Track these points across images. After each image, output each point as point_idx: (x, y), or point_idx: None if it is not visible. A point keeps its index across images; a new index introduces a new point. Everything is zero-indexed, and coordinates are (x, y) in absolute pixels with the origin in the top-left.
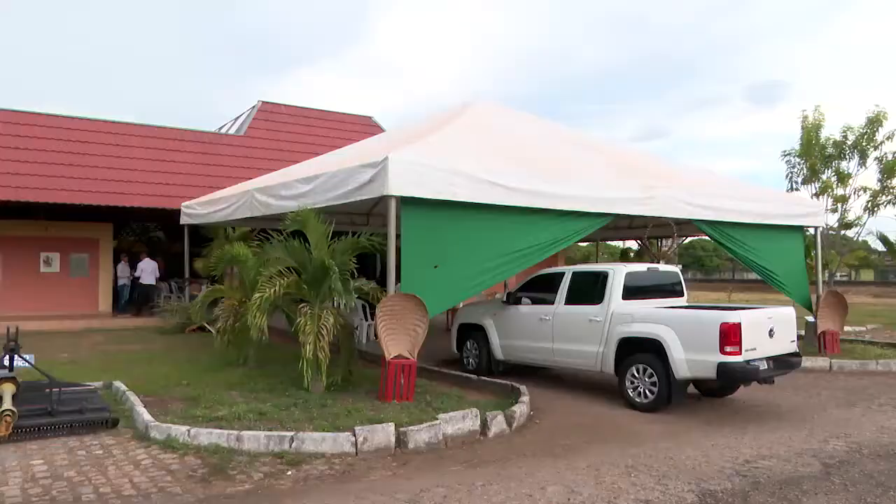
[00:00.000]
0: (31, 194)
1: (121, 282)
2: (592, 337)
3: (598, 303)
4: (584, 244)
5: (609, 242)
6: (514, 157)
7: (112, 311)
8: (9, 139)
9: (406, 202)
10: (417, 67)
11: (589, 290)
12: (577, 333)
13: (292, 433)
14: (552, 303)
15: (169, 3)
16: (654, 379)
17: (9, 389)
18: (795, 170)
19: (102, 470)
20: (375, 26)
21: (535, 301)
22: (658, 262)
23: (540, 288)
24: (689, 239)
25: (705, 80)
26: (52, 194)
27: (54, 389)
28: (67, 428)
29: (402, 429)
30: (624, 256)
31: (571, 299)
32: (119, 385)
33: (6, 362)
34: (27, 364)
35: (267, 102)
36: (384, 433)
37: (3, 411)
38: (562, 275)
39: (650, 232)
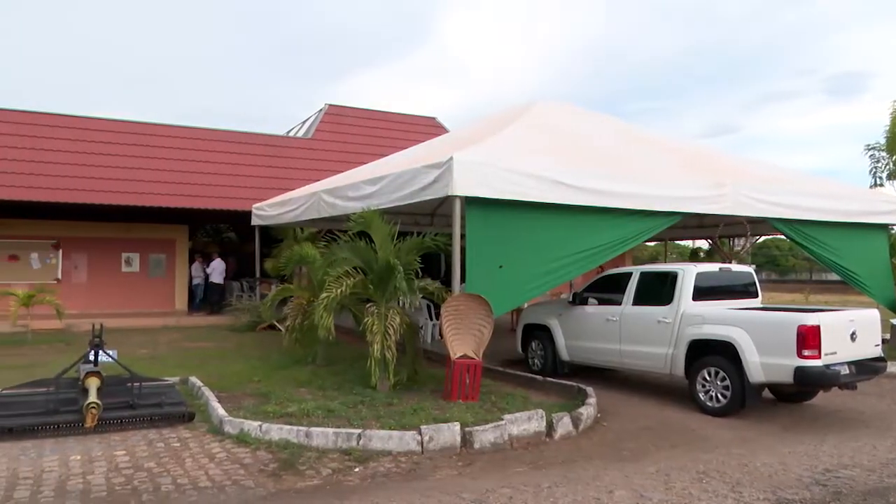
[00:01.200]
0: (113, 197)
1: (195, 281)
2: (661, 338)
3: (668, 303)
4: (652, 244)
5: (678, 242)
6: (579, 156)
7: (187, 310)
8: (92, 145)
9: (471, 202)
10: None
11: (658, 290)
12: (645, 335)
13: (360, 431)
14: (619, 303)
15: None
16: (727, 383)
17: (94, 383)
18: (880, 164)
19: (180, 462)
20: (439, 27)
21: (601, 301)
22: (730, 262)
23: (607, 288)
24: (762, 238)
25: (777, 72)
26: (131, 197)
27: (135, 384)
28: (147, 421)
29: (467, 428)
30: (694, 256)
31: (639, 300)
32: (195, 380)
33: (92, 357)
34: (111, 359)
35: (333, 105)
36: (450, 432)
37: (90, 404)
38: (629, 275)
39: (722, 231)
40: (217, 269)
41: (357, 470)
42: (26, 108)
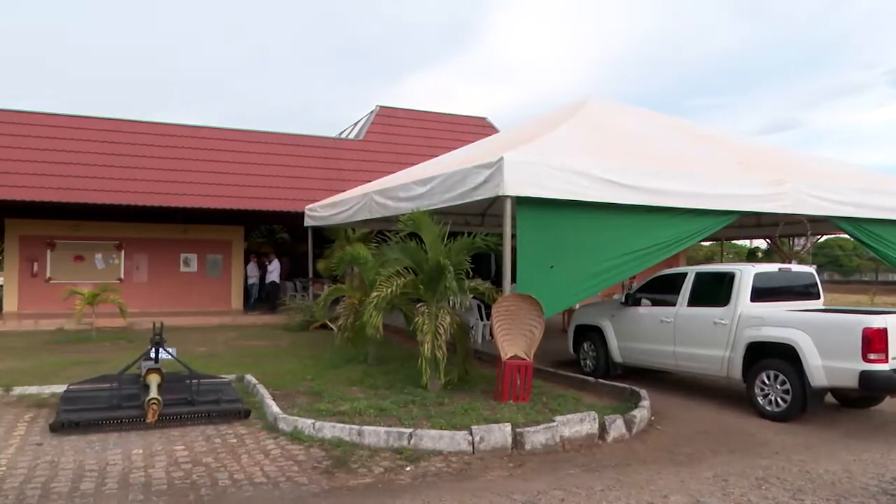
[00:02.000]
0: (173, 199)
1: (250, 281)
2: (718, 340)
3: (724, 305)
4: (707, 243)
5: (735, 241)
6: (632, 154)
7: (242, 309)
8: (154, 149)
9: (521, 202)
10: (532, 67)
11: (714, 291)
12: (700, 336)
13: (411, 430)
14: (674, 304)
15: (293, 18)
16: (787, 387)
17: (155, 380)
18: None
19: (236, 457)
20: (490, 28)
21: (655, 302)
22: (790, 263)
23: (660, 289)
24: (824, 237)
25: (840, 66)
26: (190, 199)
27: (194, 381)
28: (205, 417)
29: (518, 429)
30: (752, 256)
31: (694, 301)
32: (250, 378)
33: (152, 355)
34: (170, 356)
35: (384, 107)
36: (501, 433)
37: (151, 400)
38: (684, 275)
39: (781, 230)
40: (273, 269)
41: (408, 469)
42: (95, 115)
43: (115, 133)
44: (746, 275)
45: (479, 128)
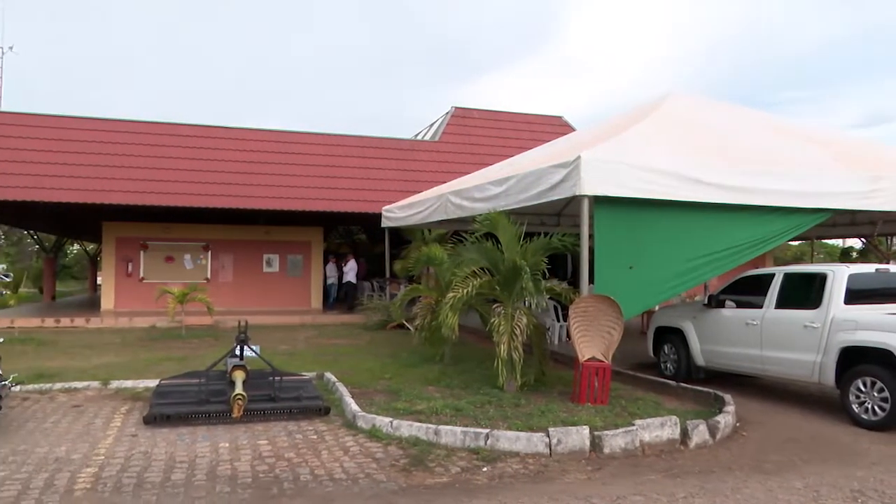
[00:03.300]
0: (257, 202)
1: (329, 281)
2: (808, 345)
3: (815, 307)
4: (796, 243)
5: (826, 241)
6: (715, 151)
7: (322, 308)
8: (238, 153)
9: (599, 201)
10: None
11: (804, 293)
12: (789, 340)
13: (487, 430)
14: (760, 306)
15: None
16: (885, 394)
17: (240, 376)
18: None
19: (317, 453)
20: (564, 25)
21: (740, 304)
22: (888, 263)
23: (746, 290)
24: None
25: None
26: (271, 202)
27: (276, 378)
28: (287, 413)
29: (596, 432)
30: (845, 256)
31: (783, 303)
32: (330, 376)
33: (238, 352)
34: (254, 354)
35: (459, 108)
36: (578, 436)
37: (236, 395)
38: (771, 276)
39: (879, 229)
40: (351, 270)
41: (485, 469)
42: (185, 122)
43: (202, 139)
44: (840, 276)
45: (555, 127)
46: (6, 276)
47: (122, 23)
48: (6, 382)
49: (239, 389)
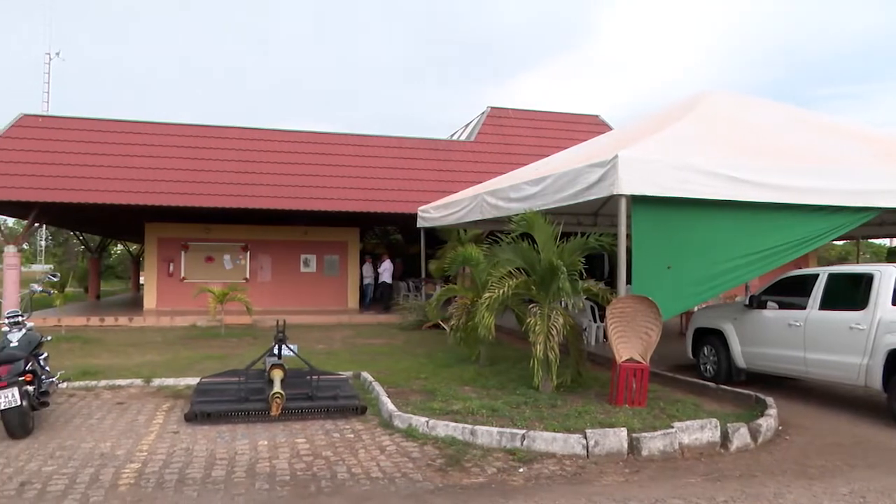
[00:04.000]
0: (294, 202)
1: (365, 281)
2: (854, 347)
3: (861, 308)
4: (840, 242)
5: (872, 240)
6: (755, 149)
7: (358, 308)
8: (276, 155)
9: (637, 201)
10: (643, 62)
11: (849, 293)
12: (834, 342)
13: (524, 431)
14: (803, 307)
15: (406, 26)
16: None
17: (278, 375)
18: None
19: (354, 452)
20: (599, 24)
21: (782, 305)
22: None
23: (789, 291)
24: None
25: None
26: (309, 202)
27: (314, 377)
28: (324, 412)
29: (634, 435)
30: (892, 256)
31: (827, 304)
32: (366, 376)
33: (276, 351)
34: (292, 353)
35: (495, 108)
36: (616, 438)
37: (275, 394)
38: (815, 276)
39: None
40: (387, 270)
41: (521, 470)
42: (221, 124)
43: (242, 141)
44: (887, 276)
45: (591, 126)
46: (54, 275)
47: (161, 28)
48: (54, 379)
49: (277, 388)
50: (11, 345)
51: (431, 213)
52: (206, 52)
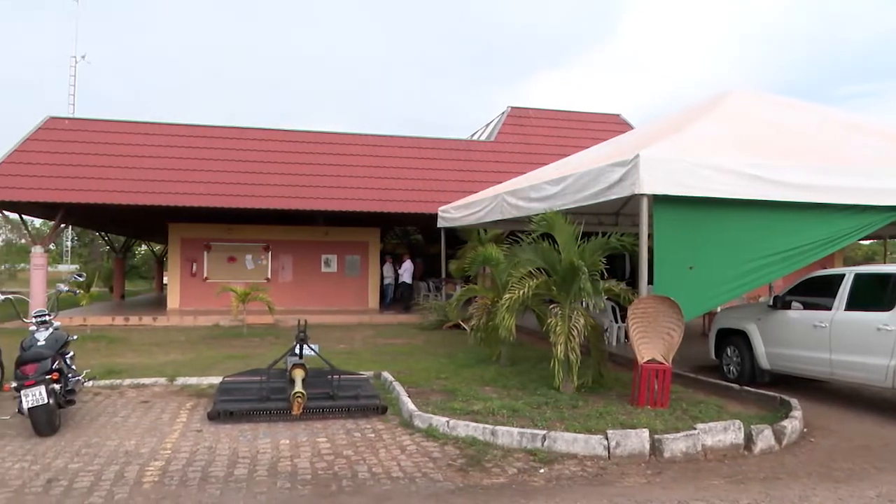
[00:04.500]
0: (315, 203)
1: (386, 281)
2: (881, 348)
3: (889, 309)
4: (867, 242)
5: None
6: (780, 148)
7: (379, 308)
8: (297, 156)
9: (659, 200)
10: (665, 61)
11: (877, 294)
12: (860, 343)
13: (544, 432)
14: (829, 308)
15: (424, 26)
16: None
17: (299, 374)
18: None
19: (374, 452)
20: (620, 23)
21: (807, 306)
22: None
23: (814, 291)
24: None
25: None
26: (329, 203)
27: (335, 376)
28: (345, 411)
29: (656, 436)
30: None
31: (853, 305)
32: (387, 375)
33: (297, 350)
34: (313, 353)
35: (516, 108)
36: (638, 439)
37: (296, 393)
38: (841, 277)
39: None
40: (408, 270)
41: (542, 471)
42: (243, 125)
43: (262, 142)
44: None
45: (612, 125)
46: (79, 275)
47: (178, 31)
48: (80, 378)
49: (299, 387)
50: (39, 343)
51: (451, 213)
52: (221, 55)
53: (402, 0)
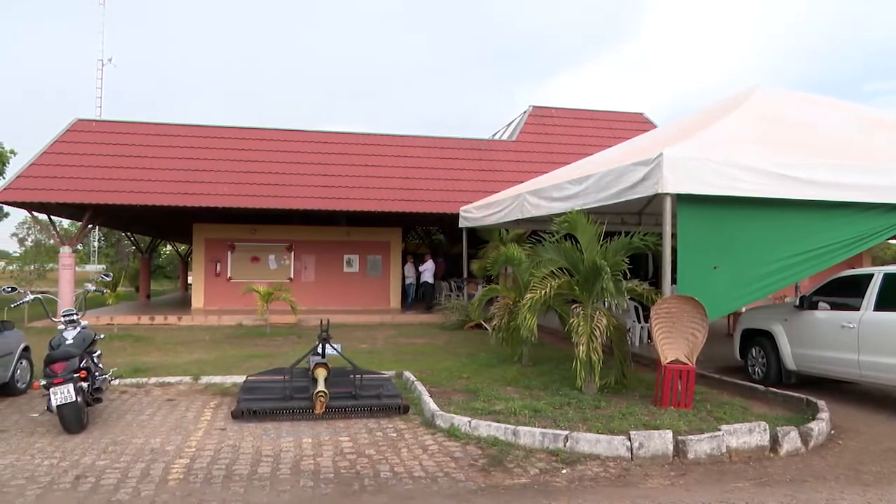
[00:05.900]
0: (338, 203)
1: (407, 280)
2: None
3: None
4: None
5: None
6: (806, 146)
7: (400, 308)
8: (319, 156)
9: (682, 199)
10: (687, 60)
11: None
12: (890, 344)
13: (566, 432)
14: (857, 308)
15: (446, 27)
16: None
17: (322, 374)
18: None
19: (396, 451)
20: (643, 23)
21: (834, 306)
22: None
23: (841, 291)
24: None
25: None
26: (351, 203)
27: (357, 376)
28: (367, 411)
29: (680, 437)
30: None
31: (883, 305)
32: (408, 375)
33: (320, 350)
34: (336, 352)
35: (537, 107)
36: (661, 440)
37: (319, 392)
38: (870, 277)
39: None
40: (429, 269)
41: (564, 472)
42: (266, 126)
43: (284, 142)
44: None
45: (635, 124)
46: (106, 275)
47: (202, 33)
48: (107, 376)
49: (321, 387)
50: (67, 342)
51: (473, 213)
52: (246, 59)
53: (427, 2)
